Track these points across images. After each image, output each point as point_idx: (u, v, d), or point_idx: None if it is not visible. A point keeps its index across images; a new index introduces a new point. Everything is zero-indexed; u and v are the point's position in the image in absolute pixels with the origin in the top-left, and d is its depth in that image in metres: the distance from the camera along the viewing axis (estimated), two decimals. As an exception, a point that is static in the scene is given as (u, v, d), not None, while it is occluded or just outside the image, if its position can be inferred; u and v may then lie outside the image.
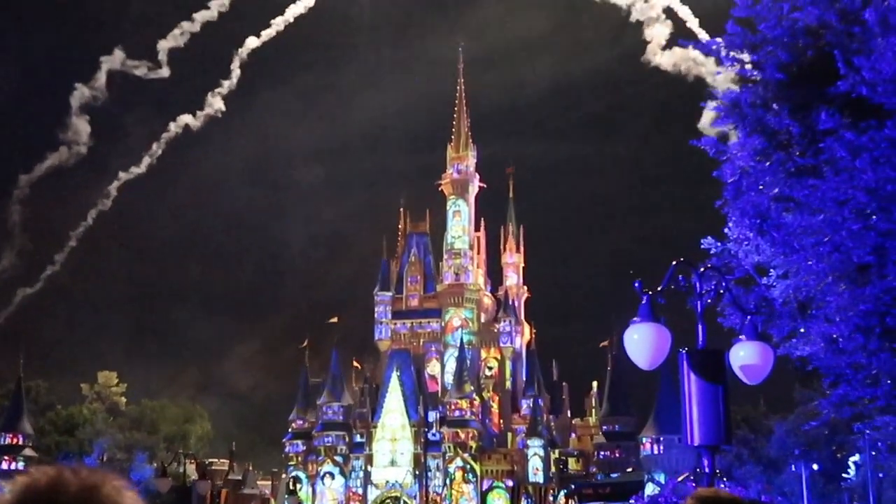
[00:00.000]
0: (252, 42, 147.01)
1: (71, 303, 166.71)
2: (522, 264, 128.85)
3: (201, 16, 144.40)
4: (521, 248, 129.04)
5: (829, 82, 11.95)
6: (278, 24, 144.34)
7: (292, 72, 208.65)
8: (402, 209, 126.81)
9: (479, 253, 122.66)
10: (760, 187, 13.25)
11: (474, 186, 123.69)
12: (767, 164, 13.00)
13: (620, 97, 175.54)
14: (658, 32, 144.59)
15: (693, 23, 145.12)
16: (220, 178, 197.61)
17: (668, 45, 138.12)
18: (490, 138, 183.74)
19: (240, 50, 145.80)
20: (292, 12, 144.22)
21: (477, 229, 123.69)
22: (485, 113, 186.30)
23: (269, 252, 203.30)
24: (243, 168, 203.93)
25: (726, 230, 14.52)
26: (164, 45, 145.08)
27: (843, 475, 66.19)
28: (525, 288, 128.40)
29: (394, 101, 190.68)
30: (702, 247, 14.98)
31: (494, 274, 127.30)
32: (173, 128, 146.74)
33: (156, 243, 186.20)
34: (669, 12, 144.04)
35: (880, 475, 54.88)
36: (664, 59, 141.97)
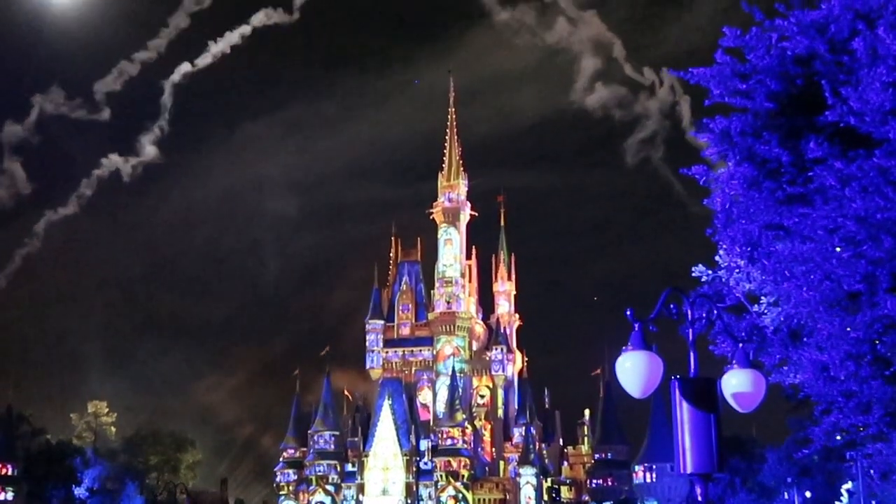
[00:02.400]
0: (185, 67, 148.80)
1: (57, 333, 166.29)
2: (514, 292, 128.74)
3: (139, 56, 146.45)
4: (513, 276, 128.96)
5: (819, 112, 12.03)
6: (215, 52, 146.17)
7: (275, 103, 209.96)
8: (393, 238, 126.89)
9: (470, 281, 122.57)
10: (751, 215, 13.30)
11: (465, 215, 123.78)
12: (758, 192, 13.05)
13: (610, 126, 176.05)
14: (587, 66, 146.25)
15: (620, 53, 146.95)
16: (203, 211, 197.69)
17: (592, 84, 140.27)
18: (481, 167, 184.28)
19: (172, 78, 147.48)
20: (227, 41, 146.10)
21: (468, 257, 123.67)
22: (475, 142, 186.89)
23: (259, 283, 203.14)
24: (227, 201, 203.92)
25: (717, 258, 14.57)
26: (100, 88, 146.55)
27: (836, 503, 66.00)
28: (517, 316, 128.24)
29: (381, 131, 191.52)
30: (693, 275, 15.03)
31: (486, 302, 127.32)
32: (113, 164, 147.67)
33: (139, 275, 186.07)
34: (599, 46, 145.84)
35: (873, 503, 54.72)
36: (591, 98, 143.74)
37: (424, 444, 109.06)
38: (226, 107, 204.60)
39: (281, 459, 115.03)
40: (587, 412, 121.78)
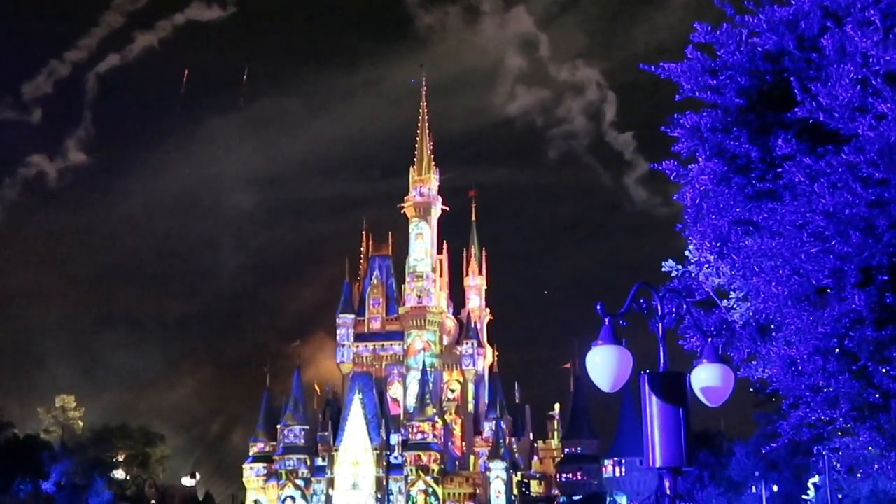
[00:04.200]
0: (113, 60, 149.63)
1: (23, 327, 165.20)
2: (485, 287, 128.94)
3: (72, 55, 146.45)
4: (484, 271, 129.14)
5: (788, 108, 12.10)
6: (144, 44, 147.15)
7: (241, 99, 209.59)
8: (364, 232, 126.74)
9: (441, 276, 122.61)
10: (721, 211, 13.36)
11: (437, 209, 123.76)
12: (727, 187, 13.11)
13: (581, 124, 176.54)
14: (513, 65, 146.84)
15: (546, 52, 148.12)
16: (168, 207, 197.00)
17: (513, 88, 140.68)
18: (453, 163, 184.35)
19: (98, 67, 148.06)
20: (147, 39, 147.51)
21: (440, 252, 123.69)
22: (446, 138, 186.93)
23: (229, 278, 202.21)
24: (194, 197, 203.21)
25: (687, 253, 14.62)
26: (28, 90, 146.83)
27: (803, 496, 66.55)
28: (487, 311, 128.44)
29: (351, 127, 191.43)
30: (663, 270, 15.07)
31: (457, 297, 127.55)
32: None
33: (105, 270, 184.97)
34: (526, 44, 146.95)
35: (840, 496, 55.23)
36: (514, 106, 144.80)
37: (395, 439, 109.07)
38: (190, 103, 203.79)
39: (250, 454, 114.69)
40: (557, 407, 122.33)
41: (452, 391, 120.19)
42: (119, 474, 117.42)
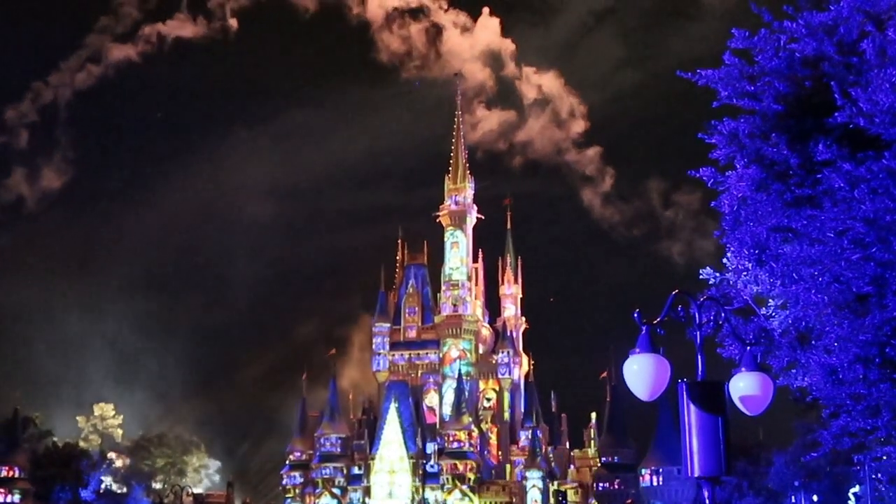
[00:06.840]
0: (95, 71, 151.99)
1: (63, 336, 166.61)
2: (520, 295, 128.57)
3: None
4: (519, 280, 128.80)
5: (827, 113, 11.99)
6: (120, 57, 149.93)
7: (269, 113, 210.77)
8: (399, 240, 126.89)
9: (477, 284, 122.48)
10: (759, 218, 13.25)
11: (472, 218, 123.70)
12: (766, 194, 13.01)
13: (616, 129, 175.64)
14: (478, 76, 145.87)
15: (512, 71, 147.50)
16: (201, 217, 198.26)
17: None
18: (486, 171, 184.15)
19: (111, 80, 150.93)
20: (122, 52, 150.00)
21: (475, 261, 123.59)
22: (481, 145, 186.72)
23: (264, 287, 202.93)
24: (229, 207, 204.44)
25: (725, 261, 14.52)
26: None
27: (843, 507, 65.86)
28: (523, 319, 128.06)
29: (384, 138, 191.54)
30: (701, 277, 14.98)
31: (492, 305, 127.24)
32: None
33: (143, 279, 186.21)
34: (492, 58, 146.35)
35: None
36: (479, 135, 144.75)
37: (431, 447, 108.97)
38: (219, 116, 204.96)
39: (287, 462, 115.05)
40: (594, 415, 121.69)
41: (488, 400, 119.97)
42: (157, 482, 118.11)
